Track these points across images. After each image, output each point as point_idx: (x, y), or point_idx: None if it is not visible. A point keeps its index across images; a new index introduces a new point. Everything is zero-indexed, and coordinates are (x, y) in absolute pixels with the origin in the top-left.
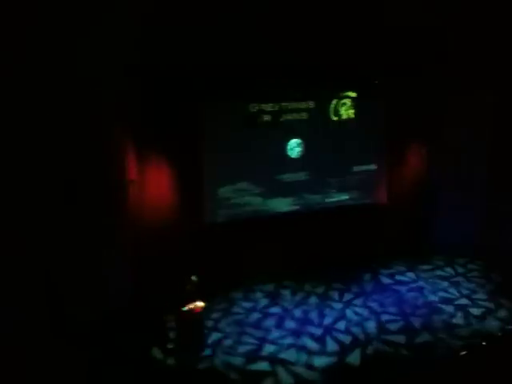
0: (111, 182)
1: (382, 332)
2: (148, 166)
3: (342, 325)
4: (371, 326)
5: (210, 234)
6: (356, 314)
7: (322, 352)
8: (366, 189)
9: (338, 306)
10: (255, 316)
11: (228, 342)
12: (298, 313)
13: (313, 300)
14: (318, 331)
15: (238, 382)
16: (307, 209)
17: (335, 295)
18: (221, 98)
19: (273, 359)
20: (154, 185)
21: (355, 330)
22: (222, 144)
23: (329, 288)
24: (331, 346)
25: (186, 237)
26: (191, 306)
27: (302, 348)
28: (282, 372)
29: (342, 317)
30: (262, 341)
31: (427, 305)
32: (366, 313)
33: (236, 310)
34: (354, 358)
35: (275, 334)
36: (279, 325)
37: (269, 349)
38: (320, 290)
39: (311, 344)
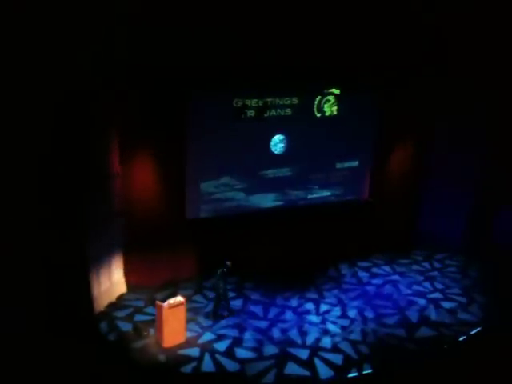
0: (98, 176)
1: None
2: (132, 161)
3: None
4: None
5: (191, 228)
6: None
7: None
8: (349, 185)
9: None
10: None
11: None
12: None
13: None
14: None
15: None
16: (290, 205)
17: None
18: (205, 93)
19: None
20: (138, 179)
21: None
22: (206, 139)
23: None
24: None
25: (170, 230)
26: (171, 300)
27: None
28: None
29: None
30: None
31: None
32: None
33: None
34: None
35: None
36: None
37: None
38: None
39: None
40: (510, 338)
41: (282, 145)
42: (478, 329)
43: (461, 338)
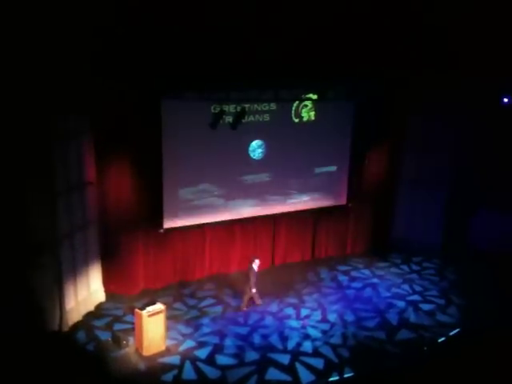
0: (73, 183)
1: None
2: (108, 168)
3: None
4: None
5: (169, 235)
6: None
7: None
8: (327, 190)
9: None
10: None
11: None
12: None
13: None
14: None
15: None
16: (268, 210)
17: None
18: (182, 98)
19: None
20: (115, 186)
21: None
22: (184, 145)
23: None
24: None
25: (148, 237)
26: (150, 308)
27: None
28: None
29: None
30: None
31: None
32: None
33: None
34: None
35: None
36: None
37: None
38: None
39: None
40: (489, 339)
41: (260, 150)
42: (456, 330)
43: (440, 340)
